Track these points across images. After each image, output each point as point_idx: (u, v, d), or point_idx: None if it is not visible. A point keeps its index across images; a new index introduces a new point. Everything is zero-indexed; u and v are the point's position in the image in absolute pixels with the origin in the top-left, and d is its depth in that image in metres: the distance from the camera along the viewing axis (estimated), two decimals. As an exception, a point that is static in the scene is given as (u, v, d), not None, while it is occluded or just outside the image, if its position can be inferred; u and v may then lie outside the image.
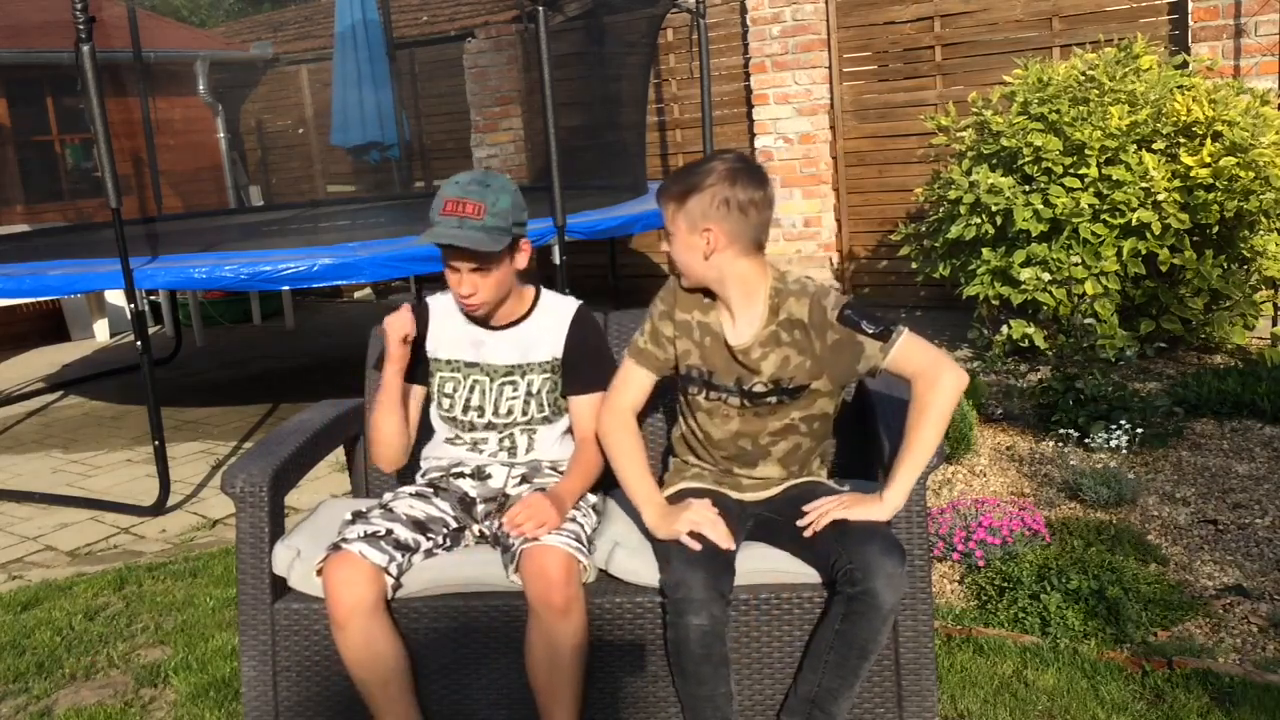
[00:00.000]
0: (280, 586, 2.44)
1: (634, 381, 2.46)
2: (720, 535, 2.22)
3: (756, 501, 2.45)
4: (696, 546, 2.20)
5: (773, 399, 2.37)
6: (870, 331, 2.28)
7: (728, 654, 2.23)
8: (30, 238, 7.73)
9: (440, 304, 2.61)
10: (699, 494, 2.43)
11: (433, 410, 2.62)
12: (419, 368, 2.59)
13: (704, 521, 2.24)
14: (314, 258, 4.72)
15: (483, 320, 2.54)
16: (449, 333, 2.58)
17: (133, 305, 4.56)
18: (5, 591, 3.76)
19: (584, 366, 2.55)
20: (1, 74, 9.35)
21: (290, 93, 11.07)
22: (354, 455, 2.93)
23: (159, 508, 4.51)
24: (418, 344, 2.57)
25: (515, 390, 2.54)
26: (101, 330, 9.30)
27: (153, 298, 9.04)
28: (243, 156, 11.24)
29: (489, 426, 2.56)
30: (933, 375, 2.25)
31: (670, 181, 2.34)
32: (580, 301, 2.62)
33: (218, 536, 4.21)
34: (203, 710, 2.82)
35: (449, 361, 2.57)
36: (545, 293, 2.63)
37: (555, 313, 2.58)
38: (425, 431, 2.64)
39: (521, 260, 2.47)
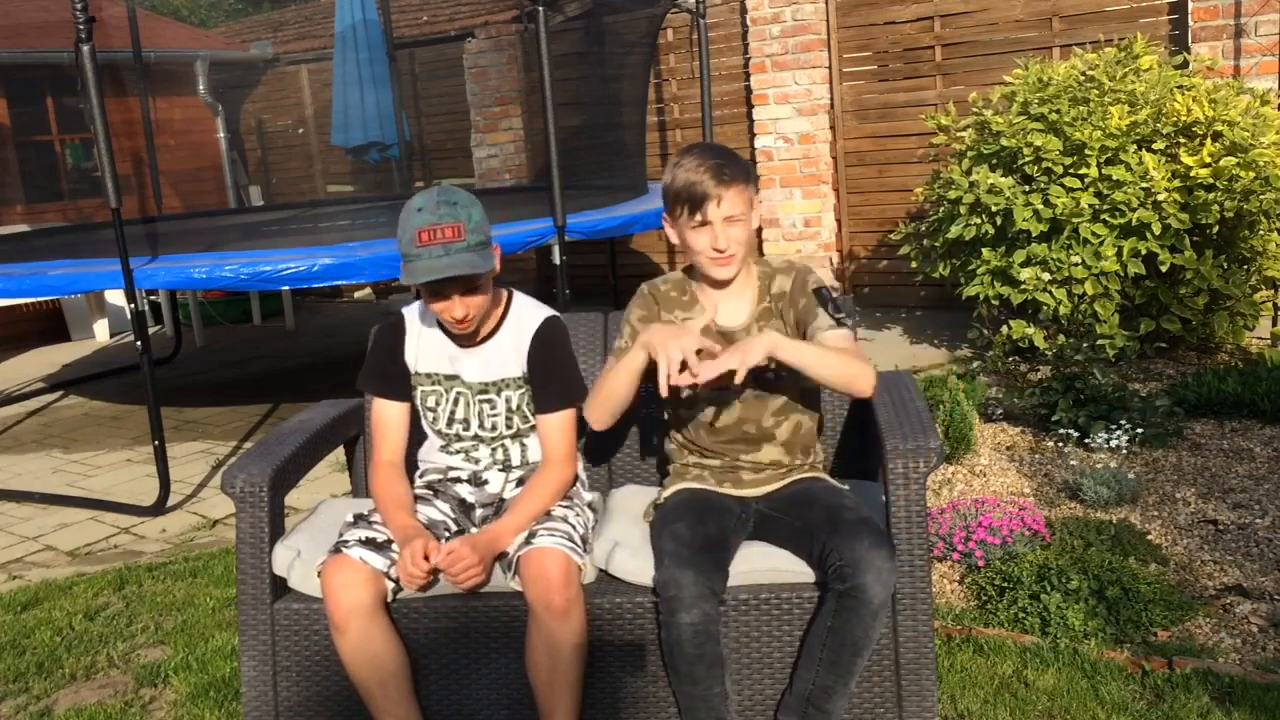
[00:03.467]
0: (280, 586, 2.44)
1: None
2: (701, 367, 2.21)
3: (757, 498, 2.46)
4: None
5: (770, 374, 2.39)
6: (829, 311, 2.37)
7: (722, 654, 2.24)
8: (30, 238, 7.73)
9: (416, 315, 2.57)
10: (700, 495, 2.43)
11: (423, 420, 2.60)
12: (401, 383, 2.55)
13: (692, 350, 2.21)
14: (314, 258, 4.72)
15: (455, 337, 2.50)
16: (427, 345, 2.54)
17: (133, 305, 4.56)
18: (5, 591, 3.76)
19: (549, 386, 2.48)
20: (1, 74, 9.34)
21: (290, 93, 11.07)
22: (354, 455, 2.93)
23: (159, 508, 4.51)
24: (398, 357, 2.54)
25: (495, 408, 2.51)
26: (101, 330, 9.30)
27: (153, 298, 9.03)
28: (243, 156, 11.24)
29: (477, 439, 2.54)
30: (840, 353, 2.32)
31: (725, 164, 2.34)
32: (550, 314, 2.54)
33: (218, 536, 4.21)
34: (203, 710, 2.82)
35: (429, 375, 2.54)
36: (517, 299, 2.56)
37: (522, 327, 2.51)
38: (421, 435, 2.62)
39: (497, 266, 2.41)
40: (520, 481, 2.55)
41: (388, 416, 2.55)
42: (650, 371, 2.32)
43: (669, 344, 2.22)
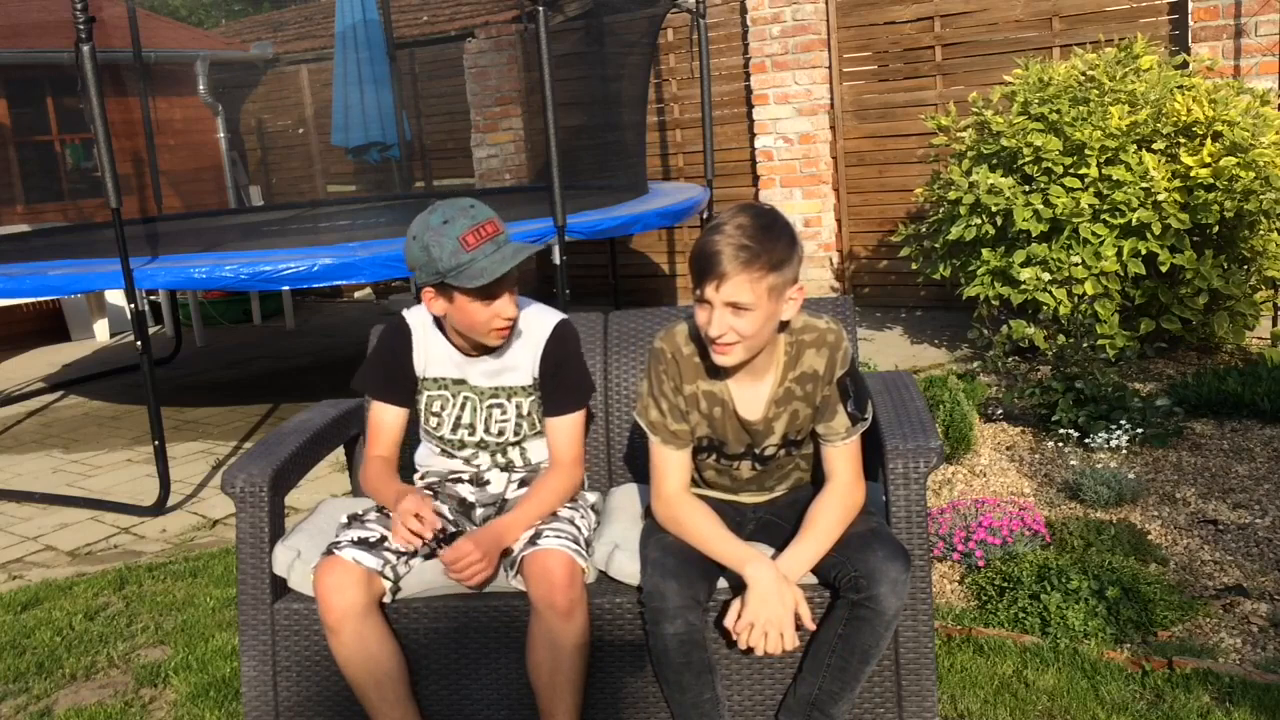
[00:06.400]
0: (280, 586, 2.43)
1: (674, 464, 2.31)
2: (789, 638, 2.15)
3: (757, 504, 2.45)
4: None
5: (782, 453, 2.36)
6: (849, 410, 2.26)
7: (710, 661, 2.22)
8: (30, 238, 7.73)
9: (420, 319, 2.53)
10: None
11: (422, 427, 2.57)
12: (406, 388, 2.53)
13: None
14: (314, 258, 4.72)
15: (463, 343, 2.47)
16: (434, 349, 2.51)
17: (133, 305, 4.56)
18: (5, 591, 3.76)
19: (559, 389, 2.47)
20: (1, 74, 9.34)
21: (290, 93, 11.07)
22: (354, 455, 2.93)
23: (159, 508, 4.51)
24: (405, 362, 2.52)
25: (504, 413, 2.49)
26: (101, 330, 9.30)
27: (153, 298, 9.04)
28: (243, 156, 11.24)
29: (480, 445, 2.52)
30: (843, 486, 2.25)
31: (753, 245, 2.03)
32: (561, 317, 2.52)
33: (218, 536, 4.21)
34: (203, 710, 2.82)
35: (437, 380, 2.52)
36: (522, 303, 2.51)
37: (533, 331, 2.49)
38: (420, 436, 2.62)
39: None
40: (523, 483, 2.54)
41: (386, 420, 2.53)
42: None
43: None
